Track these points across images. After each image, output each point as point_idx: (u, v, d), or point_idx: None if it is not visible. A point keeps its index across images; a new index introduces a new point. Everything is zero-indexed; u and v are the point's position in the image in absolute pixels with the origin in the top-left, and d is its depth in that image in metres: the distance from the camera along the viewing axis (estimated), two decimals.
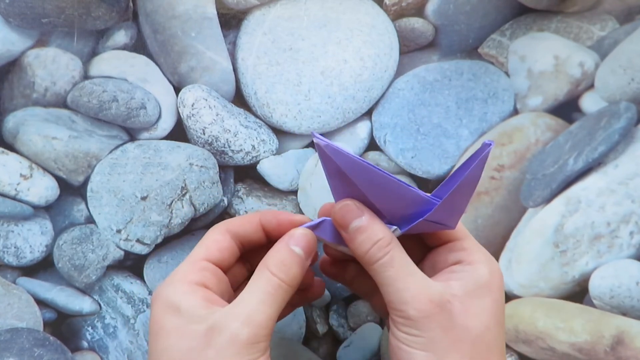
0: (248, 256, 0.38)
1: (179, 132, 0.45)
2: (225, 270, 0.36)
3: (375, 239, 0.33)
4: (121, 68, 0.44)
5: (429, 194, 0.34)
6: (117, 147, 0.45)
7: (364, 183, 0.33)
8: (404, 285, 0.32)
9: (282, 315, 0.40)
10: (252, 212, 0.38)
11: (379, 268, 0.33)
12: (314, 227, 0.35)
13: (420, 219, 0.34)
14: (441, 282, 0.33)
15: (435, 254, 0.36)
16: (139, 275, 0.45)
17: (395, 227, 0.34)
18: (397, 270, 0.32)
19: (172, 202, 0.45)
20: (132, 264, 0.45)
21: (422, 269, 0.34)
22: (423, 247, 0.37)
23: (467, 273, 0.33)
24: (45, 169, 0.44)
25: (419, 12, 0.46)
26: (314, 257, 0.36)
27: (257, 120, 0.46)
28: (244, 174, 0.46)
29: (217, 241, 0.36)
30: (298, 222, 0.36)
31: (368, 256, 0.33)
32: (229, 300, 0.34)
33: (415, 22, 0.45)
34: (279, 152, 0.46)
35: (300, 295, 0.40)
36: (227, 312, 0.31)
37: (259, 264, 0.34)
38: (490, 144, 0.32)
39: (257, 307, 0.32)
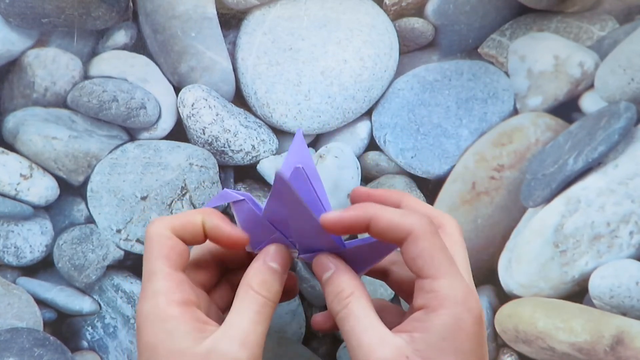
0: None
1: (179, 132, 0.45)
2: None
3: (336, 291, 0.33)
4: (121, 68, 0.44)
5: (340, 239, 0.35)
6: (117, 147, 0.45)
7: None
8: (357, 342, 0.31)
9: None
10: (192, 211, 0.36)
11: (339, 322, 0.32)
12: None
13: (320, 253, 0.35)
14: (405, 334, 0.31)
15: (409, 292, 0.35)
16: (139, 275, 0.45)
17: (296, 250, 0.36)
18: (353, 326, 0.31)
19: (172, 202, 0.45)
20: (132, 264, 0.45)
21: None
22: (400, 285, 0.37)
23: (431, 323, 0.31)
24: (45, 169, 0.44)
25: (419, 12, 0.46)
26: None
27: (257, 120, 0.46)
28: (244, 174, 0.46)
29: (172, 247, 0.34)
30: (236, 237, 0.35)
31: (330, 309, 0.33)
32: (205, 309, 0.34)
33: (415, 22, 0.45)
34: (279, 152, 0.46)
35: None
36: (221, 335, 0.31)
37: (240, 284, 0.33)
38: (394, 249, 0.34)
39: (250, 327, 0.31)
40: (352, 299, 0.32)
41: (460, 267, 0.33)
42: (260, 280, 0.33)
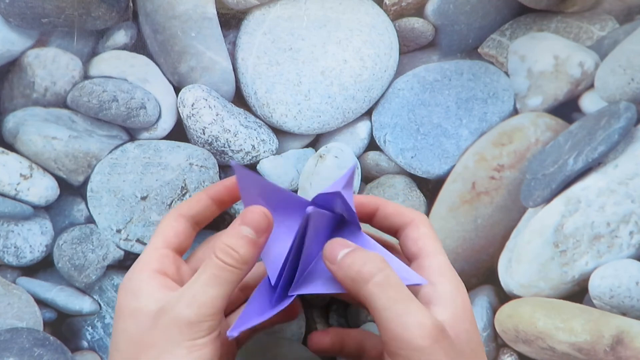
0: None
1: (179, 132, 0.45)
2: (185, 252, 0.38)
3: (367, 256, 0.32)
4: (121, 68, 0.44)
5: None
6: (117, 147, 0.45)
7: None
8: (406, 309, 0.30)
9: (263, 327, 0.40)
10: (199, 191, 0.39)
11: (374, 288, 0.31)
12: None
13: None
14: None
15: None
16: None
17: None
18: (396, 292, 0.31)
19: (172, 202, 0.45)
20: (132, 264, 0.45)
21: None
22: None
23: (441, 296, 0.33)
24: (45, 169, 0.44)
25: (419, 12, 0.46)
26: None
27: (257, 120, 0.46)
28: None
29: (172, 227, 0.37)
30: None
31: (361, 275, 0.31)
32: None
33: (415, 22, 0.45)
34: (279, 152, 0.46)
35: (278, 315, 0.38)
36: (175, 295, 0.33)
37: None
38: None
39: (201, 289, 0.32)
40: (388, 265, 0.32)
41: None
42: (223, 245, 0.33)
